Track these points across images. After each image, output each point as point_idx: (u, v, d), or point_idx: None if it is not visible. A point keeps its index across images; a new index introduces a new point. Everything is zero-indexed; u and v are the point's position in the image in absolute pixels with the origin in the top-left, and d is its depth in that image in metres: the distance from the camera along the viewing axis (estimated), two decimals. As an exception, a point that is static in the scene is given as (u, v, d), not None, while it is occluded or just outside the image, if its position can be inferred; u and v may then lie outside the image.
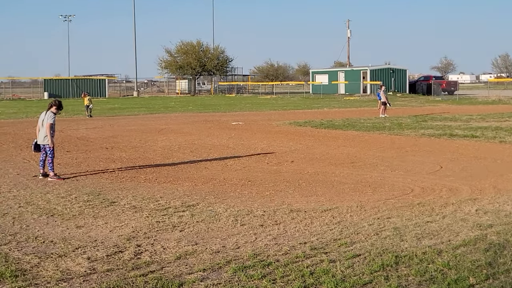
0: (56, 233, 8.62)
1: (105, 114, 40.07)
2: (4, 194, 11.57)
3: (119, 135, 24.03)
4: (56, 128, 13.79)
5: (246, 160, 16.25)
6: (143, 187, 12.21)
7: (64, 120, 32.70)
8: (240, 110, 44.05)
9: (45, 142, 13.37)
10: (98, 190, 11.89)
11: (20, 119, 35.95)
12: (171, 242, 8.02)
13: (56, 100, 13.96)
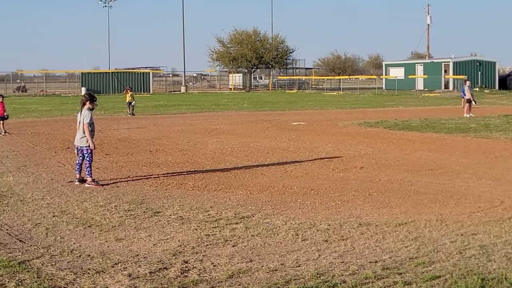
0: (93, 246, 8.76)
1: (149, 112, 40.58)
2: (37, 201, 11.83)
3: (165, 136, 24.30)
4: (95, 128, 14.01)
5: (308, 165, 16.22)
6: (191, 196, 12.31)
7: (104, 119, 33.26)
8: (302, 109, 43.99)
9: (82, 144, 13.60)
10: (140, 198, 12.05)
11: (55, 117, 36.72)
12: (223, 258, 8.07)
13: (85, 94, 14.20)
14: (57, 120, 34.07)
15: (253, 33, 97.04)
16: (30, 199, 11.99)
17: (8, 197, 12.18)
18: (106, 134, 25.06)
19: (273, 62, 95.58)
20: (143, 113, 39.24)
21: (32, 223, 10.16)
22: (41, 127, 29.14)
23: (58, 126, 29.54)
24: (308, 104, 49.66)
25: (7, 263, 7.79)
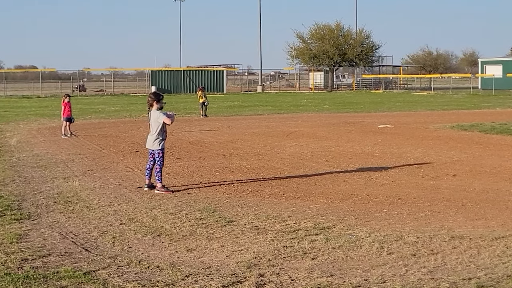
0: (163, 257, 8.87)
1: (223, 114, 40.91)
2: (104, 208, 12.05)
3: (239, 139, 24.44)
4: (167, 129, 14.16)
5: (395, 172, 16.08)
6: (267, 204, 12.34)
7: (175, 120, 33.58)
8: (389, 110, 43.65)
9: (154, 147, 13.79)
10: (213, 206, 12.13)
11: (123, 118, 37.37)
12: (301, 272, 8.06)
13: (150, 94, 14.32)
14: (125, 122, 34.67)
15: (335, 28, 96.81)
16: (97, 206, 12.22)
17: (74, 203, 12.44)
18: (177, 136, 25.34)
19: (357, 59, 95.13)
20: (216, 115, 39.57)
21: (98, 231, 10.35)
22: (108, 129, 29.70)
23: (126, 128, 30.05)
24: (395, 105, 49.24)
25: (72, 273, 7.96)
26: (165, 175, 14.51)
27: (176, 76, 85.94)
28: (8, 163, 18.03)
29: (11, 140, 24.49)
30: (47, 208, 12.01)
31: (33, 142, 24.08)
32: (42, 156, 19.53)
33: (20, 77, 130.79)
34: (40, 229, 10.46)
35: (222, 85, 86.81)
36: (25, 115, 40.61)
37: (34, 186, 14.33)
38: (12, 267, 8.24)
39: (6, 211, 11.69)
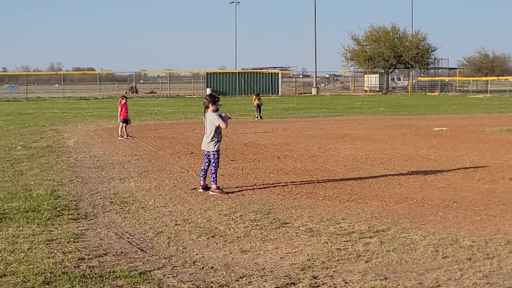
0: (217, 257, 8.90)
1: (277, 116, 40.92)
2: (159, 209, 12.14)
3: (294, 141, 24.42)
4: (222, 131, 14.21)
5: (450, 175, 15.90)
6: (321, 206, 12.31)
7: (229, 122, 33.70)
8: (445, 113, 43.20)
9: (210, 149, 13.85)
10: (267, 207, 12.14)
11: (178, 120, 37.62)
12: (355, 275, 8.02)
13: (206, 96, 14.37)
14: (180, 123, 34.90)
15: (391, 30, 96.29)
16: (152, 206, 12.32)
17: (130, 204, 12.57)
18: (232, 138, 25.42)
19: (413, 61, 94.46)
20: (271, 117, 39.62)
21: (153, 231, 10.44)
22: (164, 131, 29.92)
23: (182, 130, 30.25)
24: (451, 108, 48.72)
25: (127, 273, 8.03)
26: (219, 177, 14.56)
27: (231, 78, 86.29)
28: (66, 163, 18.28)
29: (69, 141, 24.85)
30: (103, 208, 12.16)
31: (90, 143, 24.39)
32: (99, 157, 19.78)
33: (78, 79, 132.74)
34: (96, 229, 10.59)
35: (277, 88, 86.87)
36: (82, 117, 41.18)
37: (91, 187, 14.51)
38: (69, 266, 8.36)
39: (64, 210, 11.85)
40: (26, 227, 10.56)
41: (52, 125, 33.83)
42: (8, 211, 11.76)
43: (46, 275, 7.93)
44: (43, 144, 23.60)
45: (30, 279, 7.78)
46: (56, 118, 39.80)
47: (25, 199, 12.85)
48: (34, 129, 31.14)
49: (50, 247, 9.35)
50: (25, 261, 8.60)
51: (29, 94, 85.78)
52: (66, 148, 22.38)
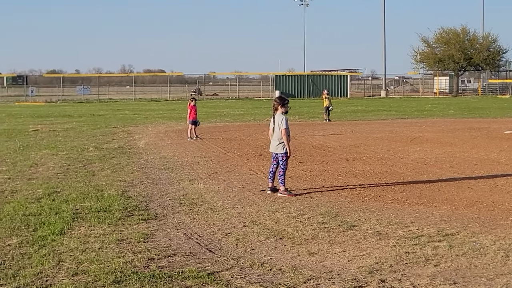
0: (285, 259, 8.91)
1: (346, 118, 40.76)
2: (228, 210, 12.20)
3: (362, 144, 24.28)
4: (290, 133, 14.20)
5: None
6: (389, 209, 12.21)
7: (298, 124, 33.77)
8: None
9: (278, 151, 13.86)
10: (335, 210, 12.10)
11: (247, 122, 37.76)
12: (423, 279, 7.93)
13: (276, 98, 14.38)
14: (249, 125, 35.02)
15: (461, 32, 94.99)
16: (221, 208, 12.39)
17: (199, 205, 12.66)
18: (301, 140, 25.41)
19: (484, 63, 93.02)
20: (339, 119, 39.48)
21: (222, 232, 10.50)
22: (233, 132, 30.06)
23: (251, 132, 30.35)
24: (523, 111, 47.83)
25: (196, 273, 8.10)
26: (288, 179, 14.57)
27: (300, 80, 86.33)
28: (137, 165, 18.53)
29: (139, 143, 25.17)
30: (173, 209, 12.28)
31: (160, 144, 24.65)
32: (169, 159, 19.98)
33: (149, 80, 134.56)
34: (166, 229, 10.70)
35: (345, 90, 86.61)
36: (153, 118, 41.67)
37: (161, 188, 14.67)
38: (139, 266, 8.47)
39: (134, 211, 12.01)
40: (97, 227, 10.74)
41: (123, 127, 34.33)
42: (80, 211, 11.97)
43: (116, 275, 8.05)
44: (115, 145, 23.96)
45: (101, 278, 7.91)
46: (127, 120, 40.37)
47: (97, 199, 13.08)
48: (106, 131, 31.64)
49: (120, 247, 9.49)
50: (96, 260, 8.75)
51: (101, 96, 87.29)
52: (136, 150, 22.68)
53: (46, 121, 39.55)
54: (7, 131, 31.61)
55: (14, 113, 50.15)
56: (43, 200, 13.00)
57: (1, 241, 9.85)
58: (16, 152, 21.76)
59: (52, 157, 20.38)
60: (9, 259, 8.83)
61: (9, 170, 17.37)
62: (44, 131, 31.61)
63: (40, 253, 9.13)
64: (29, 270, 8.29)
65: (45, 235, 10.14)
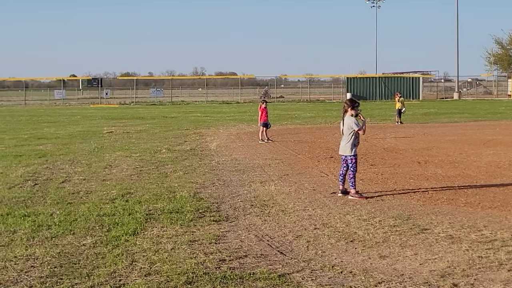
0: (356, 262, 8.87)
1: (418, 120, 40.34)
2: (299, 212, 12.20)
3: (434, 146, 23.99)
4: (360, 135, 14.14)
5: None
6: (462, 213, 12.04)
7: (369, 127, 33.45)
8: None
9: (347, 153, 13.82)
10: (407, 213, 11.98)
11: (318, 124, 37.69)
12: (496, 283, 7.80)
13: (346, 100, 14.33)
14: (320, 128, 34.95)
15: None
16: (292, 210, 12.40)
17: (270, 207, 12.69)
18: (372, 143, 25.25)
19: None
20: (411, 121, 39.10)
21: (293, 235, 10.50)
22: (304, 135, 30.04)
23: (322, 134, 30.28)
24: None
25: (267, 275, 8.13)
26: (358, 181, 14.51)
27: (371, 83, 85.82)
28: (208, 166, 18.67)
29: (211, 145, 25.35)
30: (244, 211, 12.33)
31: (231, 146, 24.79)
32: (240, 161, 20.08)
33: (221, 83, 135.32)
34: (237, 231, 10.76)
35: (417, 92, 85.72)
36: (224, 120, 41.93)
37: (232, 189, 14.75)
38: (210, 267, 8.53)
39: (206, 212, 12.11)
40: (169, 228, 10.86)
41: (195, 129, 34.63)
42: (153, 212, 12.13)
43: (188, 275, 8.14)
44: (187, 147, 24.19)
45: (173, 279, 8.00)
46: (199, 122, 40.71)
47: (169, 201, 13.23)
48: (178, 133, 31.96)
49: (192, 248, 9.58)
50: (168, 260, 8.85)
51: (173, 98, 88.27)
52: (208, 152, 22.85)
53: (119, 123, 40.19)
54: (82, 133, 32.22)
55: (89, 115, 51.08)
56: (117, 201, 13.22)
57: (76, 240, 10.06)
58: (91, 154, 22.17)
59: (126, 158, 20.70)
60: (83, 259, 9.00)
61: (84, 171, 17.70)
62: (118, 133, 32.12)
63: (114, 253, 9.29)
64: (103, 270, 8.44)
65: (118, 235, 10.31)
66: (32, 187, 15.22)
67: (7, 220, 11.46)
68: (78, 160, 20.45)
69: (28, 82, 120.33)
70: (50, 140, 28.15)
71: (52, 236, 10.33)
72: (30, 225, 11.08)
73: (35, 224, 11.17)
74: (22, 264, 8.77)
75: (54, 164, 19.35)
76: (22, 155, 21.94)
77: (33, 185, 15.43)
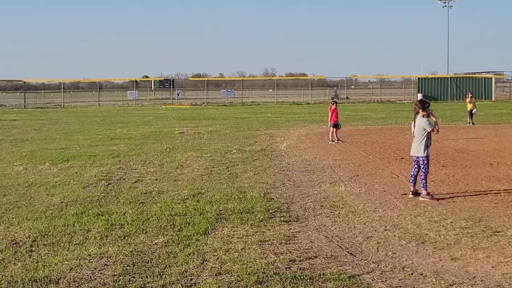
0: (426, 264, 8.78)
1: (490, 121, 39.69)
2: (369, 213, 12.14)
3: (507, 147, 23.56)
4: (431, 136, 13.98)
5: None
6: (536, 215, 11.81)
7: (441, 128, 33.04)
8: None
9: (419, 154, 13.69)
10: (478, 215, 11.80)
11: (389, 125, 37.38)
12: None
13: (417, 102, 14.18)
14: (391, 128, 34.67)
15: None
16: (362, 211, 12.34)
17: (340, 208, 12.65)
18: (443, 144, 24.93)
19: None
20: (483, 122, 38.50)
21: (363, 236, 10.46)
22: (374, 136, 29.84)
23: (392, 135, 30.03)
24: None
25: (337, 276, 8.12)
26: (430, 183, 14.35)
27: (443, 83, 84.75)
28: (279, 167, 18.69)
29: (281, 145, 25.37)
30: (314, 212, 12.32)
31: (301, 147, 24.77)
32: (310, 161, 20.05)
33: (291, 84, 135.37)
34: (307, 231, 10.76)
35: (490, 93, 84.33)
36: (294, 121, 41.92)
37: (302, 190, 14.75)
38: (280, 267, 8.56)
39: (276, 213, 12.14)
40: (240, 228, 10.92)
41: (265, 129, 34.71)
42: (223, 212, 12.21)
43: (258, 275, 8.18)
44: (257, 148, 24.26)
45: (243, 278, 8.05)
46: (269, 123, 40.79)
47: (240, 201, 13.30)
48: (248, 133, 32.09)
49: (262, 248, 9.62)
50: (239, 260, 8.91)
51: (244, 99, 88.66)
52: (278, 152, 22.88)
53: (191, 124, 40.55)
54: (155, 133, 32.61)
55: (161, 116, 51.67)
56: (188, 201, 13.34)
57: (148, 239, 10.20)
58: (163, 154, 22.42)
59: (197, 159, 20.87)
60: (155, 258, 9.13)
61: (156, 172, 17.92)
62: (189, 133, 32.42)
63: (185, 252, 9.39)
64: (174, 269, 8.54)
65: (189, 234, 10.41)
66: (106, 186, 15.49)
67: (82, 219, 11.69)
68: (150, 160, 20.71)
69: (102, 83, 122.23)
70: (123, 140, 28.58)
71: (124, 235, 10.50)
72: (104, 224, 11.29)
73: (109, 223, 11.37)
74: (96, 262, 8.94)
75: (127, 164, 19.65)
76: (96, 155, 22.33)
77: (107, 185, 15.70)
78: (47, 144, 27.23)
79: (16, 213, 12.41)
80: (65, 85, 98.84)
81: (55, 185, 15.77)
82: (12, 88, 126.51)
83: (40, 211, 12.57)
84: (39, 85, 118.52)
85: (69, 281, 8.14)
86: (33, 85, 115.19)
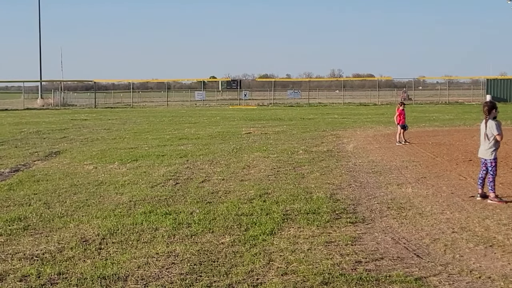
0: (495, 268, 8.66)
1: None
2: (436, 216, 12.01)
3: None
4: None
5: None
6: None
7: (510, 130, 32.57)
8: None
9: (487, 156, 13.49)
10: (548, 219, 11.57)
11: (457, 127, 36.88)
12: None
13: (485, 103, 13.96)
14: (459, 130, 34.19)
15: None
16: (429, 213, 12.22)
17: (407, 210, 12.55)
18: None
19: None
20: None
21: (430, 238, 10.36)
22: (442, 137, 29.47)
23: (460, 136, 29.62)
24: None
25: (403, 278, 8.06)
26: (498, 185, 14.13)
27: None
28: (345, 168, 18.62)
29: (348, 146, 25.26)
30: (380, 213, 12.25)
31: (368, 148, 24.62)
32: (377, 162, 19.92)
33: (358, 85, 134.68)
34: (373, 233, 10.71)
35: None
36: (361, 122, 41.67)
37: (368, 191, 14.68)
38: (346, 268, 8.54)
39: (342, 214, 12.11)
40: (306, 228, 10.92)
41: (332, 130, 34.59)
42: (290, 212, 12.23)
43: (324, 276, 8.18)
44: (324, 149, 24.20)
45: (309, 279, 8.06)
46: (336, 124, 40.63)
47: (306, 201, 13.30)
48: (315, 134, 32.02)
49: (328, 249, 9.61)
50: (305, 261, 8.92)
51: (310, 100, 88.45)
52: (345, 153, 22.78)
53: (258, 124, 40.64)
54: (222, 133, 32.80)
55: (228, 116, 51.93)
56: (255, 201, 13.40)
57: (215, 239, 10.27)
58: (230, 154, 22.54)
59: (264, 159, 20.93)
60: (222, 257, 9.19)
61: (223, 172, 18.02)
62: (256, 134, 32.51)
63: (251, 252, 9.43)
64: (240, 268, 8.59)
65: (256, 234, 10.46)
66: (174, 186, 15.65)
67: (150, 218, 11.84)
68: (217, 160, 20.85)
69: (170, 84, 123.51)
70: (190, 140, 28.82)
71: (192, 234, 10.60)
72: (171, 222, 11.41)
73: (176, 222, 11.49)
74: (163, 261, 9.05)
75: (194, 164, 19.81)
76: (164, 155, 22.57)
77: (174, 184, 15.86)
78: (116, 143, 27.64)
79: (86, 211, 12.65)
80: (134, 85, 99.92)
81: (124, 184, 16.01)
82: (83, 88, 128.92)
83: (109, 209, 12.79)
84: (109, 85, 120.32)
85: (137, 279, 8.26)
86: (103, 85, 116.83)
